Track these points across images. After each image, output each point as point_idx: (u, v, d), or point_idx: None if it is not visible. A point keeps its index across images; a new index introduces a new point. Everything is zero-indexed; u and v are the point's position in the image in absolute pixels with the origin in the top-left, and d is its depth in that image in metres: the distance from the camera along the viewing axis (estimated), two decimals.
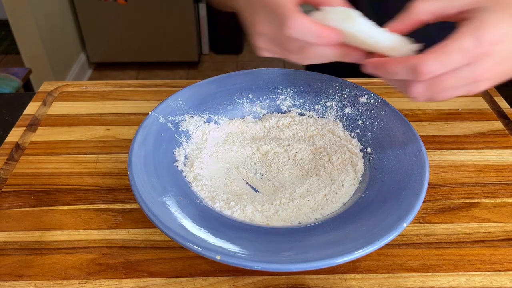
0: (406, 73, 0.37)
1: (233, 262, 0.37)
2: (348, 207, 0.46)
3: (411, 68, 0.36)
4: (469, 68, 0.36)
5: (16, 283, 0.42)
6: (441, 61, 0.35)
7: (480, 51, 0.35)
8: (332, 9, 0.40)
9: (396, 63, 0.38)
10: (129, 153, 0.48)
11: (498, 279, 0.43)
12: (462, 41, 0.35)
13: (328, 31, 0.39)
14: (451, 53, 0.35)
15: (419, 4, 0.40)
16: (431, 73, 0.35)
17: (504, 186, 0.53)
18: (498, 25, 0.35)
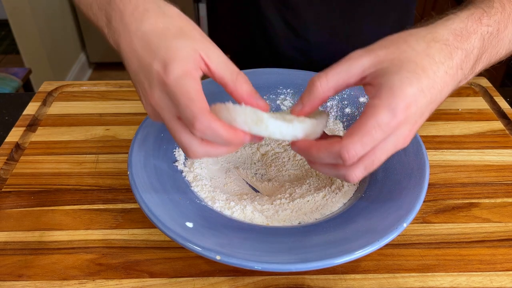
0: (332, 159, 0.37)
1: (233, 262, 0.37)
2: (348, 207, 0.46)
3: (335, 154, 0.36)
4: (391, 137, 0.36)
5: (16, 283, 0.42)
6: (363, 143, 0.35)
7: (397, 120, 0.35)
8: (239, 110, 0.37)
9: (319, 150, 0.37)
10: (129, 153, 0.47)
11: (498, 279, 0.43)
12: (378, 116, 0.35)
13: (238, 136, 0.37)
14: (370, 132, 0.35)
15: (319, 83, 0.39)
16: (356, 155, 0.36)
17: (504, 186, 0.53)
18: (406, 88, 0.35)
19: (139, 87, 0.40)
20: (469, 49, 0.39)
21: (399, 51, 0.37)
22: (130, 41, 0.39)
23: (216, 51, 0.39)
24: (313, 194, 0.48)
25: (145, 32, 0.39)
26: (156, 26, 0.39)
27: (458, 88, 0.41)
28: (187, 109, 0.36)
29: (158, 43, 0.38)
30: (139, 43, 0.39)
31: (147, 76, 0.38)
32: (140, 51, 0.39)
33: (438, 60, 0.37)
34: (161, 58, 0.37)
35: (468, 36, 0.39)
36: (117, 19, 0.41)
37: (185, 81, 0.36)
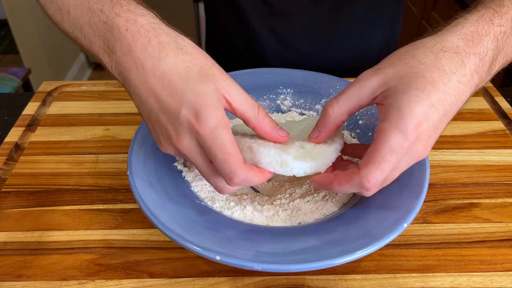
0: (354, 189, 0.38)
1: (233, 263, 0.37)
2: (348, 207, 0.46)
3: (357, 185, 0.37)
4: (406, 157, 0.36)
5: (16, 283, 0.42)
6: (381, 170, 0.36)
7: (409, 141, 0.35)
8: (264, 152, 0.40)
9: (341, 184, 0.38)
10: (129, 153, 0.47)
11: (498, 279, 0.43)
12: (390, 141, 0.35)
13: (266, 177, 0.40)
14: (386, 158, 0.35)
15: (331, 109, 0.40)
16: (377, 183, 0.36)
17: (504, 186, 0.53)
18: (415, 107, 0.35)
19: (158, 127, 0.38)
20: (483, 52, 0.38)
21: (407, 67, 0.37)
22: (145, 79, 0.37)
23: (236, 87, 0.39)
24: (313, 194, 0.48)
25: (165, 72, 0.37)
26: (177, 66, 0.37)
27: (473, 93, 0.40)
28: (224, 164, 0.36)
29: (183, 86, 0.36)
30: (158, 83, 0.37)
31: (173, 121, 0.37)
32: (160, 92, 0.37)
33: (449, 70, 0.36)
34: (191, 105, 0.36)
35: (480, 39, 0.38)
36: (123, 51, 0.38)
37: (220, 133, 0.36)
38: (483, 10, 0.39)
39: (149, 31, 0.38)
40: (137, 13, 0.39)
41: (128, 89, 0.39)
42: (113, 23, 0.39)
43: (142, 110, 0.39)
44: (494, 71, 0.41)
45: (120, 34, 0.38)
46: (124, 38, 0.38)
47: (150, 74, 0.37)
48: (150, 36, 0.38)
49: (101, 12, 0.40)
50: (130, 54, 0.38)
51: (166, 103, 0.37)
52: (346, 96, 0.39)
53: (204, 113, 0.35)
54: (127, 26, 0.38)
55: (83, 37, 0.41)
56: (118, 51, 0.38)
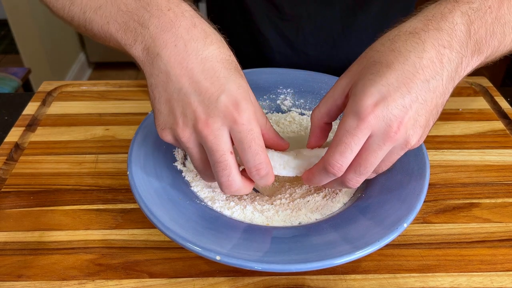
0: (327, 177, 0.39)
1: (233, 263, 0.37)
2: (348, 207, 0.46)
3: (324, 172, 0.38)
4: (374, 138, 0.36)
5: (16, 283, 0.42)
6: (340, 152, 0.37)
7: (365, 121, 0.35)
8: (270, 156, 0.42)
9: (314, 174, 0.40)
10: (129, 153, 0.47)
11: (498, 279, 0.43)
12: (345, 124, 0.36)
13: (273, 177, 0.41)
14: (342, 140, 0.36)
15: (313, 114, 0.43)
16: (341, 166, 0.37)
17: (504, 186, 0.53)
18: (368, 89, 0.35)
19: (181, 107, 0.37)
20: (449, 27, 0.36)
21: (366, 60, 0.38)
22: (183, 58, 0.37)
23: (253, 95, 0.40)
24: (313, 194, 0.48)
25: (208, 57, 0.37)
26: (220, 56, 0.38)
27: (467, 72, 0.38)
28: (256, 155, 0.38)
29: (226, 75, 0.37)
30: (199, 66, 0.37)
31: (207, 104, 0.37)
32: (199, 74, 0.37)
33: (404, 50, 0.36)
34: (232, 93, 0.37)
35: (443, 17, 0.37)
36: (162, 28, 0.38)
37: (256, 125, 0.38)
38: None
39: (194, 17, 0.39)
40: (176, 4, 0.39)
41: (153, 66, 0.38)
42: (151, 1, 0.39)
43: (163, 90, 0.38)
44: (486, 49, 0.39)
45: (160, 12, 0.38)
46: (165, 16, 0.38)
47: (192, 55, 0.37)
48: (195, 21, 0.38)
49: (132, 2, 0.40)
50: (171, 32, 0.37)
51: (204, 86, 0.37)
52: (323, 100, 0.42)
53: (244, 104, 0.37)
54: (169, 6, 0.39)
55: (98, 16, 0.41)
56: (153, 27, 0.38)
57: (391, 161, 0.39)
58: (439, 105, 0.37)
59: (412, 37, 0.36)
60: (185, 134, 0.38)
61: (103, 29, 0.41)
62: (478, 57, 0.38)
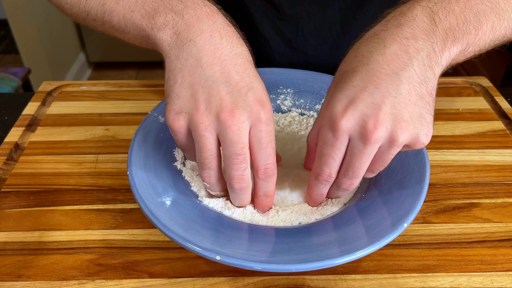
0: (322, 186, 0.41)
1: (233, 263, 0.37)
2: (348, 207, 0.46)
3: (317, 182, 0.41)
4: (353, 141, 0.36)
5: (16, 283, 0.42)
6: (323, 163, 0.39)
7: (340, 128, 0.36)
8: None
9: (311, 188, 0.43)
10: (129, 153, 0.47)
11: (498, 279, 0.43)
12: (321, 136, 0.38)
13: None
14: (322, 152, 0.38)
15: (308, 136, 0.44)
16: (329, 173, 0.39)
17: (505, 186, 0.53)
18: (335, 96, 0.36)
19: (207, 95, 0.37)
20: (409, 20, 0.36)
21: (337, 74, 0.39)
22: (218, 48, 0.38)
23: None
24: None
25: (240, 54, 0.39)
26: (249, 57, 0.40)
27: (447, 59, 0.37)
28: (270, 156, 0.39)
29: (255, 75, 0.40)
30: (232, 59, 0.38)
31: (236, 95, 0.37)
32: (231, 67, 0.38)
33: (366, 51, 0.36)
34: (259, 91, 0.39)
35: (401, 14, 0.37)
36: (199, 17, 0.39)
37: (273, 128, 0.40)
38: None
39: (226, 16, 0.42)
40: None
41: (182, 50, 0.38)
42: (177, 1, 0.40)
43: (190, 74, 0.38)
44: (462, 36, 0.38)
45: (196, 5, 0.40)
46: (201, 9, 0.40)
47: (227, 48, 0.39)
48: (229, 21, 0.41)
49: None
50: (208, 23, 0.39)
51: (235, 78, 0.38)
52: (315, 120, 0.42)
53: (268, 105, 0.39)
54: (204, 3, 0.40)
55: (120, 6, 0.42)
56: (188, 16, 0.39)
57: (384, 160, 0.38)
58: (425, 94, 0.36)
59: (372, 38, 0.37)
60: (205, 121, 0.37)
61: (125, 18, 0.42)
62: (455, 43, 0.37)
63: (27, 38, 2.02)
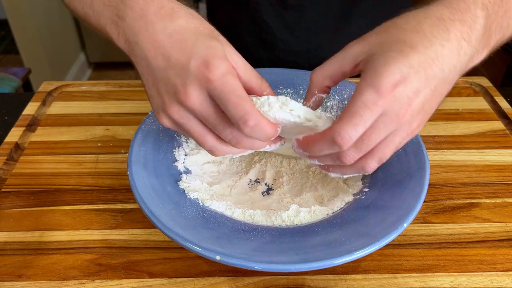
0: (329, 148, 0.37)
1: (233, 263, 0.37)
2: (349, 207, 0.46)
3: (330, 142, 0.36)
4: (383, 117, 0.35)
5: (16, 283, 0.42)
6: (353, 124, 0.35)
7: (384, 98, 0.34)
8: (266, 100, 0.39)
9: (315, 142, 0.38)
10: (129, 153, 0.47)
11: (498, 279, 0.43)
12: (363, 96, 0.34)
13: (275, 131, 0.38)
14: (358, 112, 0.35)
15: (314, 74, 0.41)
16: (350, 138, 0.35)
17: (504, 186, 0.53)
18: (390, 66, 0.34)
19: (164, 86, 0.38)
20: (471, 20, 0.37)
21: (388, 34, 0.37)
22: (154, 38, 0.38)
23: (241, 58, 0.40)
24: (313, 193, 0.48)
25: (176, 30, 0.38)
26: (188, 25, 0.38)
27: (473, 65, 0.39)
28: (238, 107, 0.36)
29: (195, 41, 0.37)
30: (168, 41, 0.38)
31: (181, 74, 0.37)
32: (170, 48, 0.37)
33: (430, 34, 0.36)
34: (202, 55, 0.36)
35: (467, 8, 0.37)
36: (135, 17, 0.39)
37: (231, 78, 0.36)
38: None
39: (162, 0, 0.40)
40: None
41: (134, 55, 0.39)
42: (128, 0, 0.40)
43: (148, 74, 0.39)
44: (493, 43, 0.40)
45: (132, 2, 0.39)
46: (137, 4, 0.39)
47: (161, 33, 0.38)
48: (163, 3, 0.39)
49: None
50: (142, 19, 0.39)
51: (176, 58, 0.37)
52: (329, 61, 0.40)
53: (215, 61, 0.36)
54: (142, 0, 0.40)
55: (92, 11, 0.43)
56: (129, 18, 0.39)
57: (394, 144, 0.38)
58: (443, 95, 0.37)
59: (439, 23, 0.36)
60: (174, 111, 0.38)
61: (97, 24, 0.42)
62: (486, 51, 0.39)
63: (27, 38, 2.02)
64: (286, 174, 0.52)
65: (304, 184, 0.51)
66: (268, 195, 0.50)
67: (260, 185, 0.51)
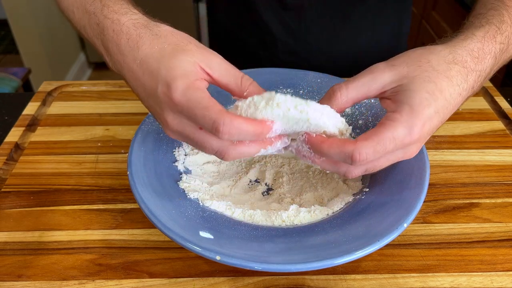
0: (341, 157, 0.37)
1: (233, 263, 0.37)
2: (349, 207, 0.46)
3: (347, 154, 0.36)
4: (399, 151, 0.38)
5: (16, 283, 0.42)
6: (375, 150, 0.36)
7: (411, 138, 0.37)
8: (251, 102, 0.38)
9: (331, 147, 0.37)
10: (129, 153, 0.47)
11: (498, 279, 0.43)
12: (396, 130, 0.36)
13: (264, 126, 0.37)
14: (385, 143, 0.36)
15: (339, 93, 0.40)
16: (366, 160, 0.36)
17: (504, 186, 0.53)
18: (424, 109, 0.37)
19: (154, 114, 0.41)
20: (483, 70, 0.40)
21: (421, 70, 0.38)
22: (132, 72, 0.40)
23: (216, 59, 0.39)
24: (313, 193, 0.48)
25: (143, 58, 0.39)
26: (152, 50, 0.39)
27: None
28: (205, 117, 0.36)
29: (157, 66, 0.38)
30: (140, 71, 0.39)
31: (156, 101, 0.38)
32: (142, 78, 0.39)
33: (456, 82, 0.38)
34: (163, 79, 0.37)
35: (484, 57, 0.40)
36: (115, 51, 0.41)
37: (191, 93, 0.37)
38: (487, 26, 0.42)
39: (130, 27, 0.41)
40: (120, 13, 0.42)
41: (122, 74, 0.42)
42: (103, 25, 0.42)
43: (142, 102, 0.42)
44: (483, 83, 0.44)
45: (109, 35, 0.41)
46: (113, 38, 0.41)
47: (133, 63, 0.39)
48: (130, 32, 0.40)
49: (94, 15, 0.43)
50: (120, 53, 0.41)
51: (148, 86, 0.39)
52: (356, 84, 0.39)
53: (174, 82, 0.37)
54: (113, 27, 0.41)
55: (87, 36, 0.45)
56: (112, 53, 0.41)
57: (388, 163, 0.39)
58: None
59: (463, 71, 0.39)
60: (169, 133, 0.40)
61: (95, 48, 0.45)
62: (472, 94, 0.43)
63: (27, 38, 2.02)
64: (286, 174, 0.52)
65: (304, 184, 0.51)
66: (268, 195, 0.50)
67: (260, 185, 0.51)
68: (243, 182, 0.52)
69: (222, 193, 0.50)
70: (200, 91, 0.37)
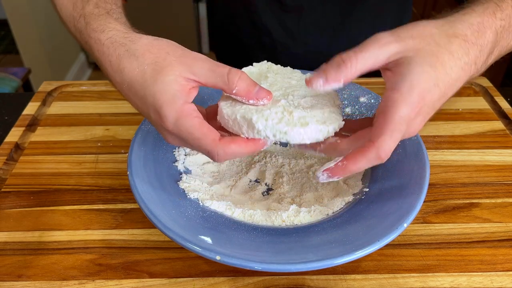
0: (371, 163, 0.38)
1: (233, 263, 0.37)
2: (349, 207, 0.46)
3: (374, 158, 0.37)
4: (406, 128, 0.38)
5: (16, 283, 0.42)
6: (394, 139, 0.37)
7: (414, 112, 0.37)
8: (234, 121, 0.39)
9: (357, 162, 0.38)
10: (129, 153, 0.47)
11: (498, 279, 0.43)
12: (400, 111, 0.37)
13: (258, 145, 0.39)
14: (397, 127, 0.37)
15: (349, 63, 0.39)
16: (390, 150, 0.37)
17: (504, 186, 0.53)
18: (424, 83, 0.37)
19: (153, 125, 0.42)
20: (484, 44, 0.40)
21: (424, 43, 0.39)
22: (123, 92, 0.41)
23: (198, 63, 0.39)
24: (314, 193, 0.48)
25: (128, 83, 0.40)
26: (133, 73, 0.39)
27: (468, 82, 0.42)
28: (200, 148, 0.38)
29: (143, 93, 0.39)
30: (130, 93, 0.40)
31: (152, 121, 0.41)
32: (134, 100, 0.41)
33: (457, 56, 0.38)
34: (153, 107, 0.39)
35: (484, 32, 0.40)
36: (104, 70, 0.42)
37: (182, 123, 0.38)
38: (486, 4, 0.42)
39: (109, 47, 0.41)
40: (99, 30, 0.42)
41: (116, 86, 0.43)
42: (90, 45, 0.43)
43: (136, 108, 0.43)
44: (489, 64, 0.43)
45: (95, 56, 0.43)
46: (99, 59, 0.43)
47: (122, 86, 0.41)
48: (110, 53, 0.41)
49: (81, 33, 0.44)
50: (108, 74, 0.42)
51: (141, 109, 0.41)
52: (364, 55, 0.39)
53: (163, 111, 0.38)
54: (97, 47, 0.42)
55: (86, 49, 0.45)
56: (102, 70, 0.43)
57: None
58: None
59: (464, 45, 0.39)
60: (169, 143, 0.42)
61: None
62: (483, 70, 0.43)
63: (27, 38, 2.02)
64: (286, 174, 0.52)
65: (304, 184, 0.51)
66: (268, 195, 0.50)
67: (260, 185, 0.51)
68: (243, 182, 0.52)
69: (222, 193, 0.50)
70: (190, 119, 0.38)
